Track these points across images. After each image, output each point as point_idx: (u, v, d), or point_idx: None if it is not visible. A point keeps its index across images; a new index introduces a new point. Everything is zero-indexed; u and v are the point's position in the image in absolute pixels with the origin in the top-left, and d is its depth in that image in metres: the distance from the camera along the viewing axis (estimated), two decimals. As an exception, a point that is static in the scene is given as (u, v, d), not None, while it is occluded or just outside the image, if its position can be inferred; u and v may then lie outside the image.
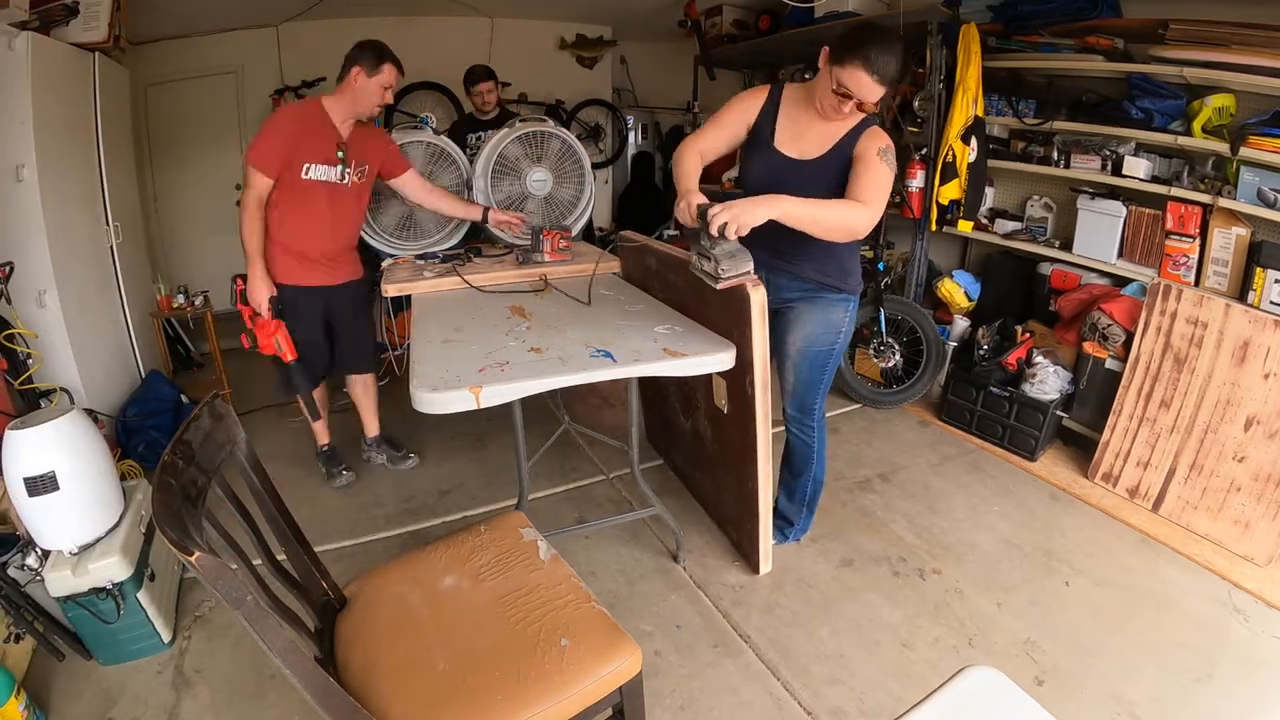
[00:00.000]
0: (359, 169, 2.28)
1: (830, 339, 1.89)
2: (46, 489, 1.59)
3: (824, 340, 1.90)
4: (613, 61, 5.37)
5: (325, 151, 2.18)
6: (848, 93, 1.58)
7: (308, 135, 2.16)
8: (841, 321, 1.89)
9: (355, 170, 2.26)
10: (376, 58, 2.16)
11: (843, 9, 3.32)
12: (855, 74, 1.55)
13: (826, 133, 1.72)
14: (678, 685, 1.67)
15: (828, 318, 1.89)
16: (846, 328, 1.90)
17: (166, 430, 2.71)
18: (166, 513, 0.81)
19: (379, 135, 2.43)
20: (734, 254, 1.58)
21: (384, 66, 2.18)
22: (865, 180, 1.62)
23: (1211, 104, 2.35)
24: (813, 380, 1.94)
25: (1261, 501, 2.13)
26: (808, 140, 1.75)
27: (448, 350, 1.62)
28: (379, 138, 2.41)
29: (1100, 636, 1.81)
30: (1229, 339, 2.19)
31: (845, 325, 1.90)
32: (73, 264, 2.54)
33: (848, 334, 1.92)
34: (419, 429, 3.00)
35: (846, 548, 2.20)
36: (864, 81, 1.56)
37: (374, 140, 2.36)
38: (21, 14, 2.37)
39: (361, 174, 2.29)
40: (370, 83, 2.16)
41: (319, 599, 1.21)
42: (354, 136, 2.26)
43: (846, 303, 1.89)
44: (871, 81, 1.55)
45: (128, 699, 1.65)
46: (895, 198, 3.24)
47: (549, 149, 2.68)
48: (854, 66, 1.55)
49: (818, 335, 1.89)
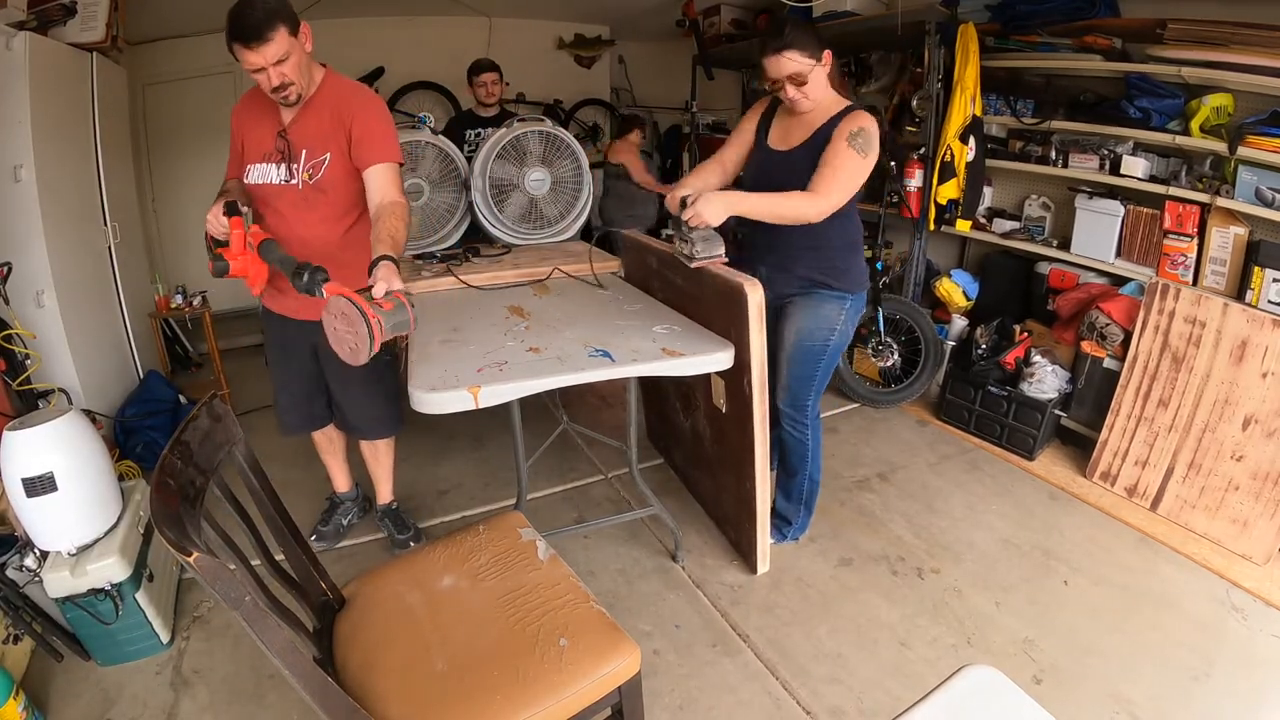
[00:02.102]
0: (312, 163, 1.67)
1: (824, 335, 1.90)
2: (45, 490, 1.59)
3: (817, 336, 1.91)
4: (611, 61, 5.37)
5: (263, 144, 1.70)
6: (774, 81, 1.76)
7: (251, 123, 1.71)
8: (836, 319, 1.90)
9: (306, 166, 1.68)
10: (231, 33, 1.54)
11: (841, 8, 3.32)
12: (766, 63, 1.74)
13: (807, 124, 1.82)
14: (676, 685, 1.67)
15: (821, 314, 1.91)
16: (843, 326, 1.91)
17: (165, 431, 2.70)
18: (165, 513, 0.81)
19: (347, 107, 1.66)
20: (708, 238, 1.80)
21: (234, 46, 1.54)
22: (823, 170, 1.72)
23: (1209, 103, 2.35)
24: (805, 376, 1.95)
25: (1260, 500, 2.13)
26: (791, 133, 1.86)
27: (446, 350, 1.62)
28: (346, 110, 1.66)
29: (1098, 635, 1.82)
30: (1227, 338, 2.19)
31: (840, 323, 1.91)
32: (71, 264, 2.53)
33: (844, 332, 1.93)
34: (418, 429, 3.00)
35: (845, 547, 2.20)
36: (768, 64, 1.73)
37: (333, 117, 1.66)
38: (19, 14, 2.36)
39: (317, 169, 1.67)
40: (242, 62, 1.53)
41: (317, 599, 1.21)
42: (302, 118, 1.67)
43: (842, 300, 1.90)
44: (772, 59, 1.72)
45: (126, 699, 1.65)
46: (893, 197, 3.25)
47: (547, 148, 2.67)
48: (763, 59, 1.75)
49: (810, 330, 1.91)
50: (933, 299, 3.36)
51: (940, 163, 2.96)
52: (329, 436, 2.16)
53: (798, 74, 1.71)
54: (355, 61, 4.27)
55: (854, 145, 1.70)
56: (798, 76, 1.72)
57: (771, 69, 1.73)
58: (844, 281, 1.89)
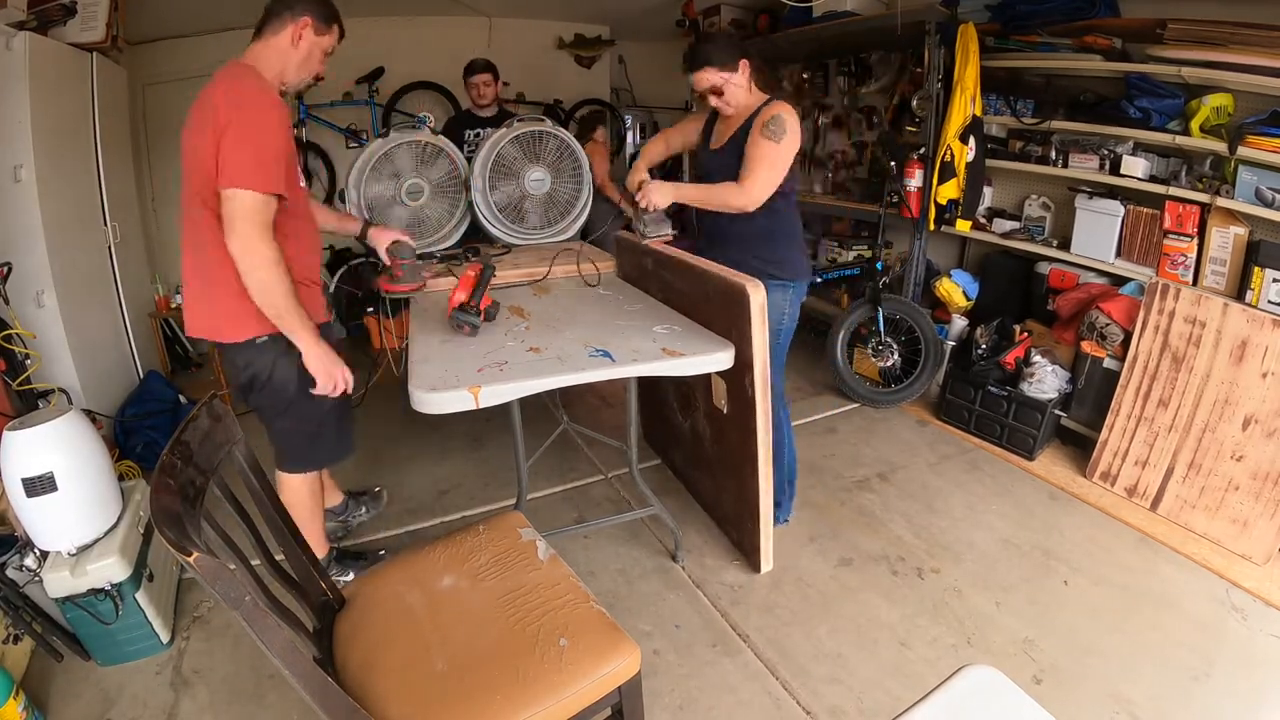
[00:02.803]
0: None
1: (775, 320, 2.04)
2: (45, 489, 1.59)
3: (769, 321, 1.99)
4: (611, 61, 5.37)
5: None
6: (698, 90, 1.99)
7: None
8: (783, 304, 2.05)
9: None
10: (330, 11, 1.62)
11: (841, 9, 3.32)
12: (691, 78, 1.98)
13: (732, 124, 2.03)
14: (676, 685, 1.67)
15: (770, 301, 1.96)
16: (790, 310, 2.08)
17: (165, 430, 2.71)
18: (165, 513, 0.81)
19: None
20: (659, 220, 2.11)
21: (335, 27, 1.64)
22: (746, 163, 1.91)
23: (1209, 103, 2.35)
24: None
25: (1260, 500, 2.13)
26: (724, 132, 2.07)
27: (446, 350, 1.62)
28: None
29: (1098, 635, 1.82)
30: (1227, 338, 2.19)
31: (788, 308, 2.07)
32: (71, 264, 2.54)
33: (792, 315, 2.10)
34: (418, 429, 3.00)
35: (845, 547, 2.20)
36: (694, 79, 1.97)
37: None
38: (19, 14, 2.36)
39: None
40: (319, 43, 1.61)
41: (317, 599, 1.21)
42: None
43: (785, 288, 2.04)
44: (695, 75, 1.96)
45: (126, 699, 1.65)
46: (893, 197, 3.25)
47: (547, 148, 2.67)
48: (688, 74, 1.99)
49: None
50: (933, 299, 3.36)
51: (940, 163, 2.96)
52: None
53: (715, 86, 1.94)
54: (355, 61, 4.27)
55: (767, 134, 1.87)
56: (715, 88, 1.95)
57: (694, 83, 1.98)
58: (786, 271, 2.04)
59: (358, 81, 4.30)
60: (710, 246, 2.10)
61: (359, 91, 4.33)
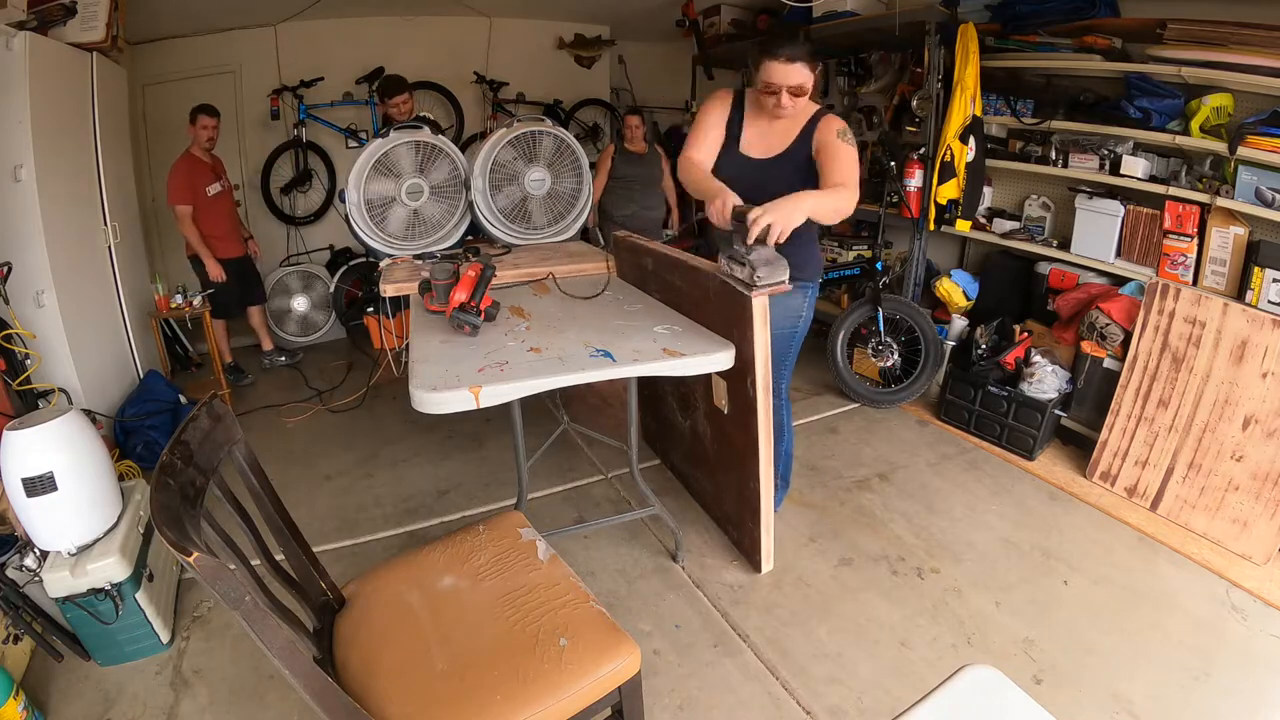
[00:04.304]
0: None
1: (791, 323, 2.03)
2: (45, 489, 1.59)
3: (786, 324, 2.02)
4: (611, 61, 5.37)
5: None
6: (771, 86, 1.75)
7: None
8: (801, 307, 2.02)
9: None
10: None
11: (841, 8, 3.32)
12: (768, 67, 1.74)
13: (785, 130, 1.87)
14: (676, 685, 1.67)
15: (789, 304, 1.99)
16: (806, 313, 2.05)
17: (164, 430, 2.70)
18: (165, 513, 0.81)
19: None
20: (770, 261, 1.63)
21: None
22: (838, 164, 1.75)
23: (1209, 103, 2.36)
24: (778, 360, 2.03)
25: (1259, 500, 2.13)
26: (770, 140, 1.89)
27: (446, 350, 1.62)
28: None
29: (1098, 635, 1.82)
30: (1227, 338, 2.19)
31: (805, 310, 2.04)
32: (70, 264, 2.53)
33: (807, 318, 2.07)
34: (418, 429, 3.00)
35: (845, 547, 2.20)
36: (776, 69, 1.73)
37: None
38: (19, 14, 2.36)
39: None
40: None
41: (318, 599, 1.21)
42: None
43: (804, 289, 2.00)
44: (782, 66, 1.72)
45: (126, 699, 1.65)
46: (893, 197, 3.25)
47: (545, 148, 2.67)
48: (765, 62, 1.74)
49: (779, 320, 1.96)
50: (933, 299, 3.36)
51: (940, 163, 2.96)
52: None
53: (803, 86, 1.75)
54: (355, 61, 4.27)
55: (847, 141, 1.79)
56: (801, 88, 1.75)
57: (778, 75, 1.73)
58: (805, 272, 1.97)
59: (358, 81, 4.30)
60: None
61: (359, 91, 4.33)
